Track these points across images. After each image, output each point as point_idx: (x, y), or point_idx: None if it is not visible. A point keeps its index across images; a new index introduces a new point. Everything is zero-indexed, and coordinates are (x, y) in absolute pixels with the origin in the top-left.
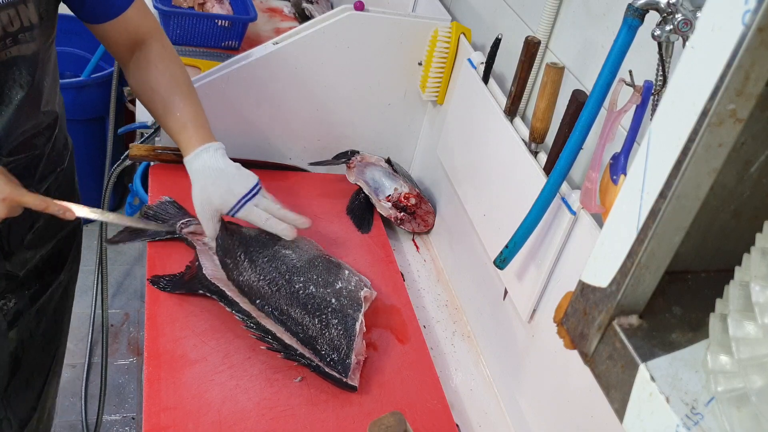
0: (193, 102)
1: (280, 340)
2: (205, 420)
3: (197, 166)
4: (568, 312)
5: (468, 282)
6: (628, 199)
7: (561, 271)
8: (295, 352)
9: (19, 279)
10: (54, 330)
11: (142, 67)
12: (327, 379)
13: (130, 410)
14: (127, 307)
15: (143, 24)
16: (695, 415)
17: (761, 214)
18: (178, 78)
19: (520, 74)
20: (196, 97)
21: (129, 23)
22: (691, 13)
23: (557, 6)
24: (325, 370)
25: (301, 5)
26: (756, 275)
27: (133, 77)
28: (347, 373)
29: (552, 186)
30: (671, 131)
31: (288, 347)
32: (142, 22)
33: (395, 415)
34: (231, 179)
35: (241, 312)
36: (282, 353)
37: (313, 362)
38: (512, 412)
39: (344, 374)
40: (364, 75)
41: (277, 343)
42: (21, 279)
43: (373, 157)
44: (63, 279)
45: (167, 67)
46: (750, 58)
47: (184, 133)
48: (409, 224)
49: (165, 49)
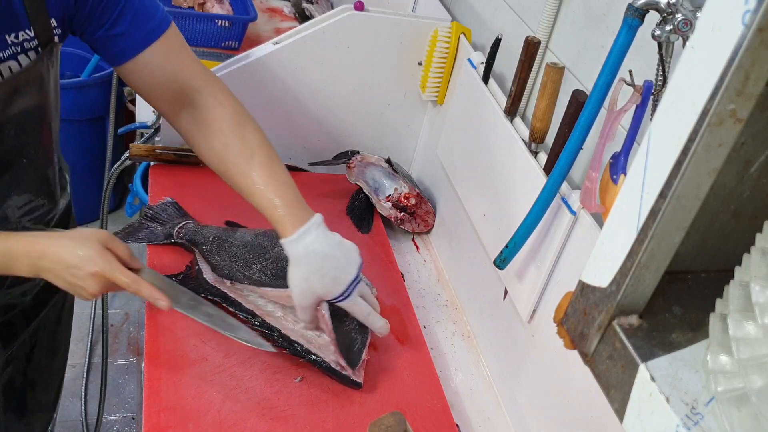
0: (276, 170)
1: (285, 336)
2: (205, 420)
3: (300, 251)
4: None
5: (468, 282)
6: (628, 199)
7: (561, 271)
8: (301, 347)
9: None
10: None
11: (202, 131)
12: (332, 375)
13: (130, 410)
14: (127, 307)
15: (179, 71)
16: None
17: (761, 214)
18: (251, 142)
19: (520, 74)
20: (277, 161)
21: (153, 65)
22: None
23: (557, 6)
24: (330, 366)
25: (301, 5)
26: (756, 275)
27: (195, 143)
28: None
29: (552, 186)
30: (671, 131)
31: (293, 343)
32: (176, 67)
33: (395, 415)
34: (337, 266)
35: (245, 311)
36: (288, 349)
37: (319, 358)
38: (512, 412)
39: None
40: (364, 75)
41: (283, 340)
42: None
43: (373, 157)
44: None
45: (235, 132)
46: (750, 58)
47: (275, 212)
48: (409, 224)
49: (225, 107)
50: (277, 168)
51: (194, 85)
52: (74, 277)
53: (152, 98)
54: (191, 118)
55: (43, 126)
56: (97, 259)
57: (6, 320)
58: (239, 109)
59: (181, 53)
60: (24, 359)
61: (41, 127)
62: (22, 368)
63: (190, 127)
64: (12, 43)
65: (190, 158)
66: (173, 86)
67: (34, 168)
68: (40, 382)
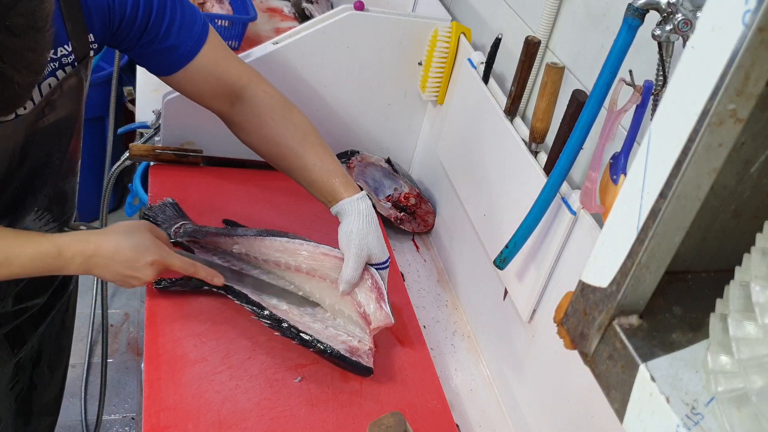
0: (326, 148)
1: (294, 327)
2: (205, 420)
3: (362, 209)
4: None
5: (468, 282)
6: (628, 199)
7: (561, 271)
8: (311, 337)
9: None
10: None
11: (255, 124)
12: (343, 362)
13: (130, 410)
14: (127, 307)
15: (227, 71)
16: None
17: (761, 214)
18: (303, 127)
19: (520, 74)
20: (323, 141)
21: (204, 71)
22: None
23: (557, 6)
24: (340, 353)
25: (301, 5)
26: (756, 275)
27: (248, 135)
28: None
29: (552, 186)
30: (671, 131)
31: (302, 333)
32: (223, 68)
33: (395, 415)
34: (381, 236)
35: (251, 303)
36: (296, 339)
37: (328, 348)
38: (512, 412)
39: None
40: (364, 75)
41: (291, 331)
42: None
43: (373, 157)
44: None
45: (286, 118)
46: (750, 58)
47: (334, 181)
48: (409, 224)
49: (273, 96)
50: (326, 147)
51: (240, 80)
52: (131, 269)
53: (205, 100)
54: (242, 113)
55: (72, 135)
56: (153, 248)
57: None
58: (283, 97)
59: (224, 52)
60: (30, 364)
61: (70, 136)
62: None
63: (242, 120)
64: (51, 59)
65: (190, 158)
66: (223, 86)
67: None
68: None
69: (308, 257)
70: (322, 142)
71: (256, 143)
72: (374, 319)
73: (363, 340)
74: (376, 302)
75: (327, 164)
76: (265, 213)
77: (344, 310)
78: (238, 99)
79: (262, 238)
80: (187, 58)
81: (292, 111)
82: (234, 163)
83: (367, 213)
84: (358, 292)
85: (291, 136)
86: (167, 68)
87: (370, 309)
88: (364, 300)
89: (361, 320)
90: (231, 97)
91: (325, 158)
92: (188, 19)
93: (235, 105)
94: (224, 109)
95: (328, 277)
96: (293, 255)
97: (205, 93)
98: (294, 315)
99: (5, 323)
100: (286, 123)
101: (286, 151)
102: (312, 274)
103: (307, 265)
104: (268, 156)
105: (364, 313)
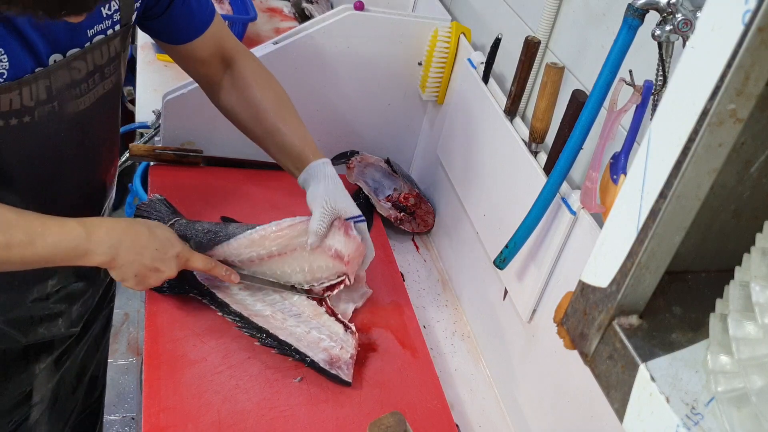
0: (298, 117)
1: (274, 336)
2: (204, 420)
3: (328, 172)
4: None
5: (468, 282)
6: (628, 199)
7: (561, 271)
8: (289, 347)
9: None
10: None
11: (239, 86)
12: (321, 374)
13: (130, 410)
14: (127, 307)
15: (227, 40)
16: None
17: (761, 214)
18: (282, 96)
19: (520, 74)
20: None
21: (214, 38)
22: (691, 13)
23: (557, 6)
24: (319, 365)
25: (301, 5)
26: (756, 275)
27: (230, 96)
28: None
29: (552, 186)
30: (671, 131)
31: (283, 343)
32: (225, 37)
33: (395, 415)
34: (350, 197)
35: (232, 313)
36: (276, 349)
37: (308, 357)
38: (512, 412)
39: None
40: (364, 75)
41: (272, 340)
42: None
43: (373, 157)
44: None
45: (268, 85)
46: (750, 58)
47: (306, 146)
48: (409, 224)
49: (259, 66)
50: (299, 118)
51: (234, 51)
52: (159, 261)
53: (204, 66)
54: (231, 76)
55: (114, 110)
56: (176, 242)
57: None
58: (265, 69)
59: (225, 25)
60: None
61: (115, 111)
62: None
63: (229, 83)
64: (106, 15)
65: (190, 158)
66: (223, 52)
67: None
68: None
69: (275, 238)
70: (297, 113)
71: (236, 105)
72: (346, 250)
73: (346, 346)
74: (344, 235)
75: (299, 131)
76: (265, 213)
77: (321, 264)
78: (228, 66)
79: (227, 242)
80: (207, 24)
81: (274, 80)
82: (234, 163)
83: (333, 176)
84: (327, 240)
85: (271, 101)
86: (189, 34)
87: (340, 243)
88: (332, 241)
89: (336, 262)
90: (225, 65)
91: (299, 126)
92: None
93: (225, 72)
94: (217, 72)
95: (299, 245)
96: (261, 244)
97: (209, 58)
98: (276, 321)
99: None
100: (269, 88)
101: (264, 114)
102: (284, 252)
103: (277, 245)
104: (246, 118)
105: (335, 253)
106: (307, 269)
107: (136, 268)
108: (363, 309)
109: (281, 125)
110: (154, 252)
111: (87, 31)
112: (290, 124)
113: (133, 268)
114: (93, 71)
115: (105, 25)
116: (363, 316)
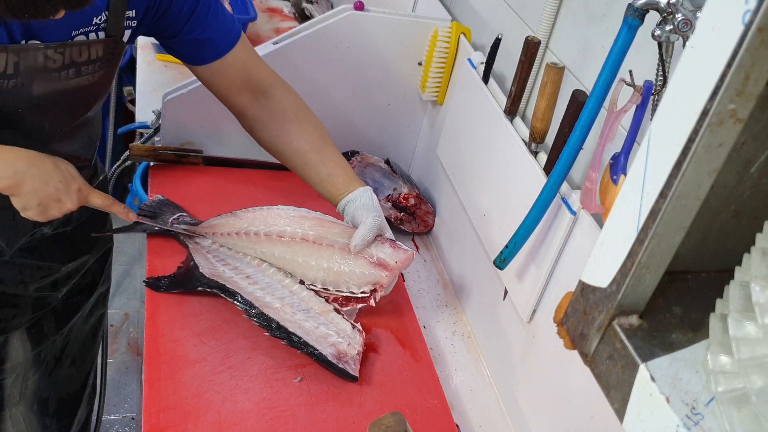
0: (335, 148)
1: (283, 328)
2: (204, 420)
3: (375, 198)
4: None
5: (468, 282)
6: (628, 199)
7: (561, 271)
8: (298, 339)
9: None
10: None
11: (278, 118)
12: (329, 367)
13: (130, 410)
14: (127, 307)
15: (258, 69)
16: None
17: (761, 214)
18: (320, 128)
19: (520, 74)
20: (333, 144)
21: (239, 65)
22: (691, 13)
23: (557, 6)
24: (327, 358)
25: (301, 5)
26: (756, 275)
27: (269, 132)
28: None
29: (552, 186)
30: (671, 131)
31: (292, 335)
32: (255, 66)
33: (395, 415)
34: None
35: (243, 302)
36: (285, 340)
37: (316, 351)
38: (512, 412)
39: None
40: (364, 75)
41: (281, 332)
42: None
43: (373, 157)
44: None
45: (307, 119)
46: (750, 58)
47: (347, 176)
48: (409, 224)
49: (296, 98)
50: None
51: (268, 79)
52: (61, 192)
53: (232, 94)
54: (267, 108)
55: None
56: (78, 178)
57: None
58: (302, 101)
59: (255, 52)
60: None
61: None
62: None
63: (265, 116)
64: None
65: (190, 158)
66: (252, 81)
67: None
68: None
69: (316, 224)
70: (332, 142)
71: (275, 139)
72: (392, 258)
73: (353, 343)
74: (390, 247)
75: (342, 161)
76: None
77: (356, 270)
78: (264, 95)
79: (269, 208)
80: (225, 50)
81: (310, 112)
82: (234, 163)
83: (377, 202)
84: (371, 249)
85: (312, 133)
86: (204, 57)
87: (386, 252)
88: (376, 250)
89: (376, 270)
90: (257, 93)
91: (340, 156)
92: (227, 15)
93: (260, 100)
94: (248, 104)
95: (336, 243)
96: (300, 223)
97: (234, 86)
98: (286, 314)
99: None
100: (308, 121)
101: (306, 146)
102: (319, 242)
103: (315, 232)
104: (286, 152)
105: (378, 260)
106: (336, 270)
107: (40, 196)
108: (363, 309)
109: (325, 156)
110: (58, 183)
111: (71, 30)
112: (333, 155)
113: (37, 196)
114: (68, 65)
115: (89, 29)
116: (363, 317)
